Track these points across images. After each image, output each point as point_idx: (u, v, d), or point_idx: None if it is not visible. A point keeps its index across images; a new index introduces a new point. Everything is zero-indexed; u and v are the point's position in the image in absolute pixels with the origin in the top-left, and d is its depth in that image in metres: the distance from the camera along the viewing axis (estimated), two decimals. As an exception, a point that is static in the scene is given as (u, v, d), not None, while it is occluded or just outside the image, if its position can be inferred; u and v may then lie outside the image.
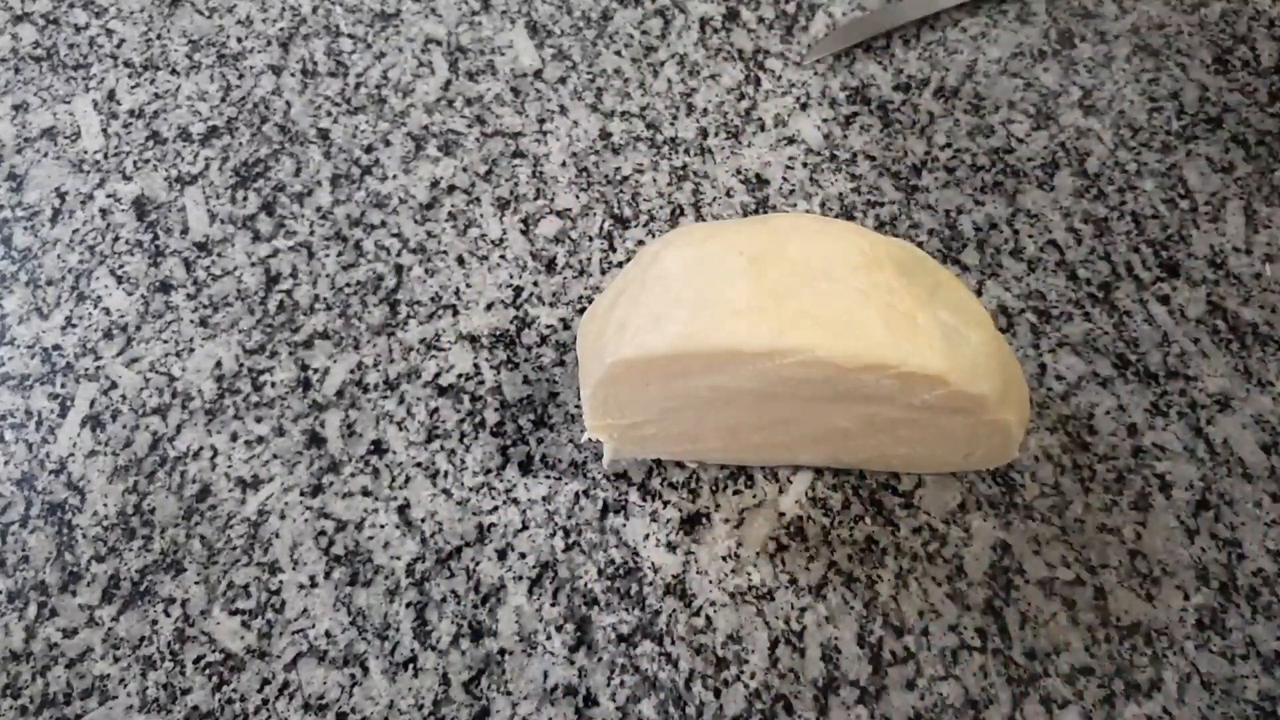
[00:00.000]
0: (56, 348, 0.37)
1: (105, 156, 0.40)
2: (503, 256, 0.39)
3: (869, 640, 0.32)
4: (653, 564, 0.33)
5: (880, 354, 0.25)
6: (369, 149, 0.41)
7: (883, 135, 0.42)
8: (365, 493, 0.34)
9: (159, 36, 0.43)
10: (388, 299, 0.38)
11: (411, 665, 0.32)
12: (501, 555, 0.33)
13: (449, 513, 0.34)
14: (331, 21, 0.44)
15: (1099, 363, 0.37)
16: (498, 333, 0.37)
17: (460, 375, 0.36)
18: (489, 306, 0.38)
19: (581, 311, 0.38)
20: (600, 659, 0.32)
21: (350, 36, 0.44)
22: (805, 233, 0.27)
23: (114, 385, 0.36)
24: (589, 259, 0.39)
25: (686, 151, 0.41)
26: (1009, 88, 0.43)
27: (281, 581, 0.33)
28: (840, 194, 0.40)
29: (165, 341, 0.37)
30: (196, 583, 0.33)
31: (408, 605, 0.33)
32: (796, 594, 0.33)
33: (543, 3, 0.45)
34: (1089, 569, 0.33)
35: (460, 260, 0.39)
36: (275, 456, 0.35)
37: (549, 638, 0.32)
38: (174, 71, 0.43)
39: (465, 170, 0.40)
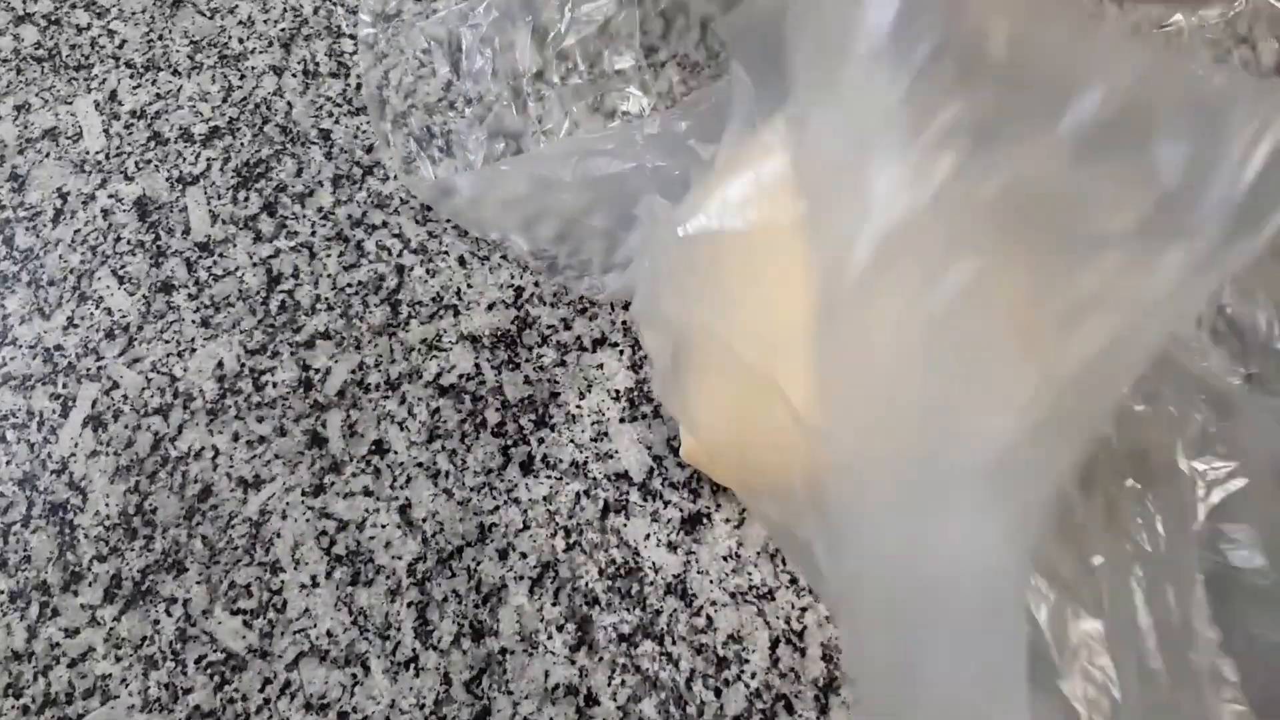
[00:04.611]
0: (58, 348, 0.37)
1: (107, 157, 0.40)
2: (504, 257, 0.39)
3: (870, 640, 0.32)
4: (654, 564, 0.33)
5: None
6: (370, 149, 0.41)
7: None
8: (367, 492, 0.34)
9: (160, 37, 0.43)
10: (389, 299, 0.38)
11: (413, 665, 0.32)
12: (503, 555, 0.33)
13: (450, 512, 0.34)
14: (333, 22, 0.44)
15: (1099, 363, 0.37)
16: (499, 333, 0.37)
17: (461, 375, 0.36)
18: (490, 307, 0.38)
19: (583, 312, 0.38)
20: (601, 659, 0.32)
21: (351, 37, 0.44)
22: None
23: (116, 385, 0.36)
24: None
25: (687, 152, 0.41)
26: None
27: (283, 581, 0.33)
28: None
29: (167, 342, 0.37)
30: (198, 582, 0.33)
31: (409, 605, 0.33)
32: (797, 593, 0.33)
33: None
34: (1089, 569, 0.33)
35: (461, 260, 0.39)
36: (277, 456, 0.35)
37: (550, 637, 0.32)
38: (175, 72, 0.43)
39: (466, 171, 0.40)
